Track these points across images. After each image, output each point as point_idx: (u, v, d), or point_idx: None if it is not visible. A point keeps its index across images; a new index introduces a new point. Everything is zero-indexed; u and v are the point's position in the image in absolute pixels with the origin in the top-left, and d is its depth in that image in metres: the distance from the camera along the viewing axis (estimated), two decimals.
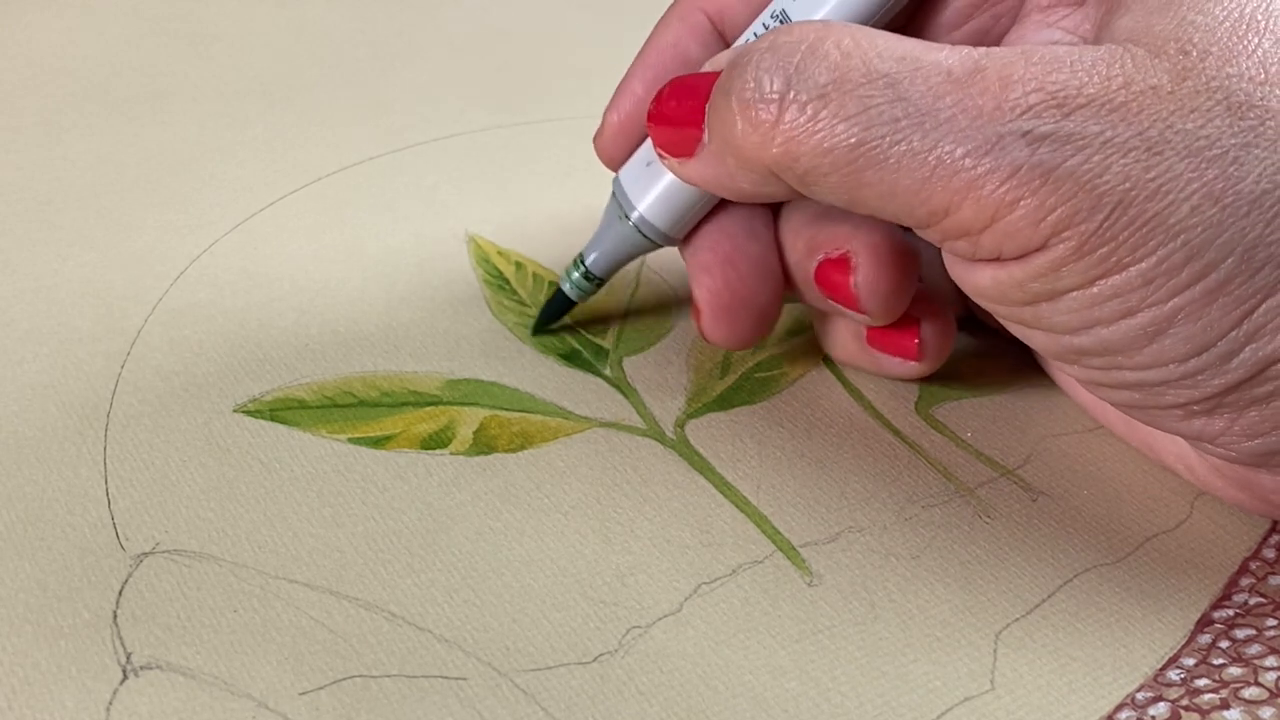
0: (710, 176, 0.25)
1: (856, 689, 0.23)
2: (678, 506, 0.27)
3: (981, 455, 0.28)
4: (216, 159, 0.39)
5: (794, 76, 0.23)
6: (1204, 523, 0.27)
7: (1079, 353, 0.23)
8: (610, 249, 0.29)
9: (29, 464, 0.27)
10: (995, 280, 0.23)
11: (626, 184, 0.28)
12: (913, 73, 0.22)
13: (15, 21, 0.47)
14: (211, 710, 0.22)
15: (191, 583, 0.24)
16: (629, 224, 0.28)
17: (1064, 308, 0.22)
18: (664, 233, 0.28)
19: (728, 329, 0.28)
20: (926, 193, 0.22)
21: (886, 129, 0.22)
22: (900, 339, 0.28)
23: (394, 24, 0.48)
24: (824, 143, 0.22)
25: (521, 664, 0.23)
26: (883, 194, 0.22)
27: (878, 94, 0.22)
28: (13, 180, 0.37)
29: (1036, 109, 0.21)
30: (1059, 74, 0.21)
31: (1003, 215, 0.21)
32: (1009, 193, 0.21)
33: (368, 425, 0.28)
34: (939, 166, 0.22)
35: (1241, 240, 0.21)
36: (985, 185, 0.21)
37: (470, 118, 0.42)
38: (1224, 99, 0.21)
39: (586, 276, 0.30)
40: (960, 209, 0.22)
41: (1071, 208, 0.21)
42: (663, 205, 0.28)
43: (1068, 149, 0.21)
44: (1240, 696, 0.23)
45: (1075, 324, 0.23)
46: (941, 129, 0.21)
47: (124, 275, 0.33)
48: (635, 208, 0.28)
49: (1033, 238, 0.22)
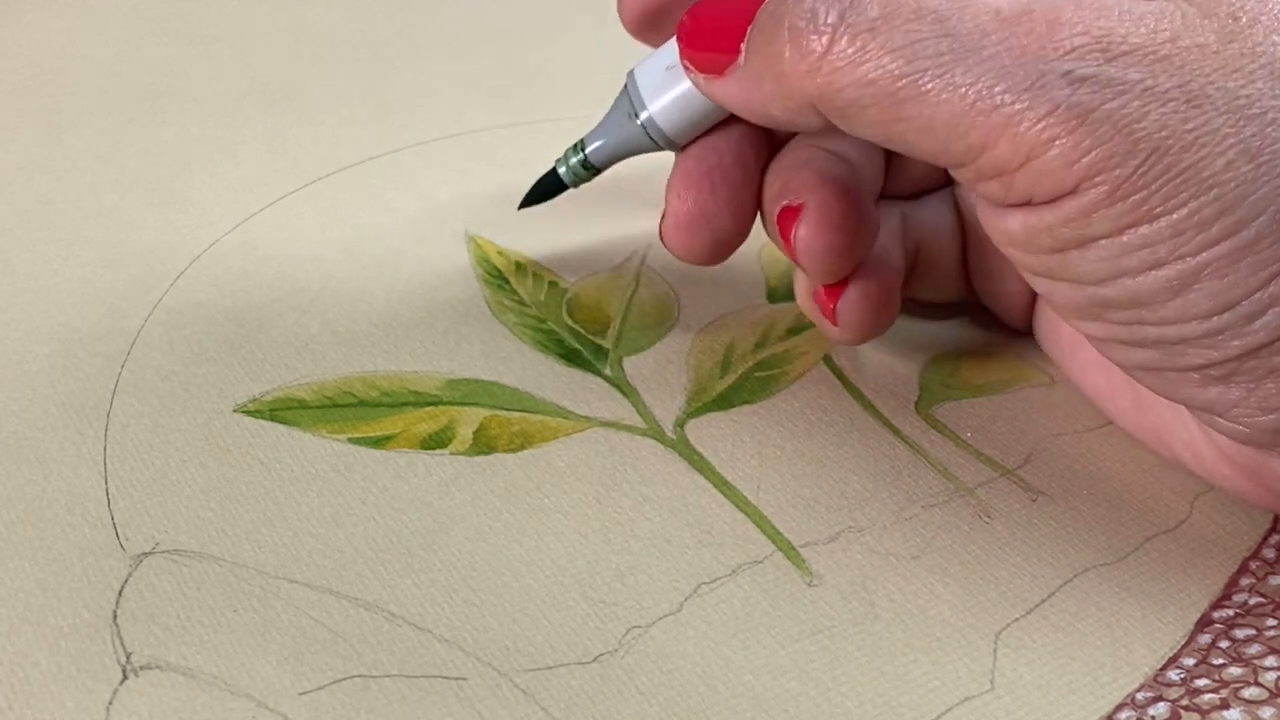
0: (740, 98, 0.25)
1: (856, 689, 0.23)
2: (678, 506, 0.27)
3: (981, 455, 0.28)
4: (216, 159, 0.39)
5: (848, 9, 0.23)
6: (1204, 523, 0.27)
7: (1103, 305, 0.23)
8: (613, 143, 0.29)
9: (29, 464, 0.27)
10: (1025, 226, 0.23)
11: (641, 83, 0.28)
12: (961, 10, 0.22)
13: (15, 21, 0.47)
14: (211, 710, 0.22)
15: (191, 583, 0.24)
16: (636, 123, 0.28)
17: (1092, 256, 0.22)
18: (669, 138, 0.28)
19: (684, 241, 0.28)
20: (964, 127, 0.22)
21: (930, 62, 0.22)
22: (824, 300, 0.28)
23: (394, 24, 0.48)
24: (868, 74, 0.22)
25: (521, 664, 0.23)
26: (920, 128, 0.22)
27: (925, 28, 0.22)
28: (13, 180, 0.37)
29: (1080, 51, 0.21)
30: (1106, 20, 0.21)
31: (1038, 154, 0.21)
32: (1045, 131, 0.21)
33: (368, 425, 0.28)
34: (978, 101, 0.22)
35: (1275, 199, 0.21)
36: (1022, 122, 0.21)
37: (470, 118, 0.42)
38: (1268, 64, 0.21)
39: (584, 165, 0.30)
40: (996, 145, 0.22)
41: (1107, 151, 0.21)
42: (674, 112, 0.28)
43: (1107, 92, 0.21)
44: (1240, 696, 0.23)
45: (1102, 273, 0.22)
46: (984, 65, 0.22)
47: (124, 275, 0.33)
48: (646, 108, 0.28)
49: (1066, 179, 0.21)
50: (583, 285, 0.33)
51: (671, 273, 0.34)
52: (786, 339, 0.32)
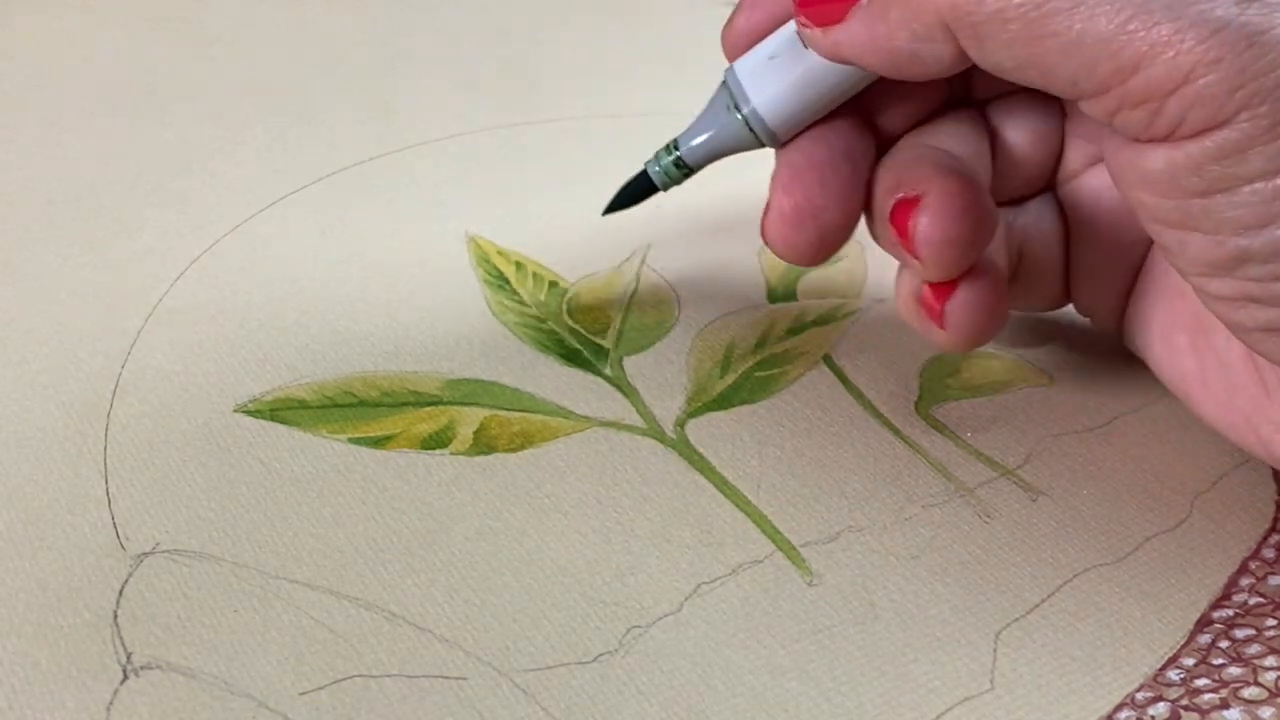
0: (863, 37, 0.24)
1: (856, 689, 0.23)
2: (678, 506, 0.27)
3: (981, 455, 0.28)
4: (216, 159, 0.39)
5: None
6: (1204, 523, 0.27)
7: (1241, 258, 0.22)
8: (711, 140, 0.28)
9: (29, 464, 0.27)
10: (1170, 163, 0.21)
11: (743, 75, 0.27)
12: None
13: (15, 21, 0.47)
14: (211, 710, 0.22)
15: (192, 583, 0.24)
16: (738, 117, 0.27)
17: (1241, 200, 0.21)
18: (772, 131, 0.27)
19: (790, 237, 0.26)
20: (1117, 45, 0.20)
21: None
22: (930, 302, 0.26)
23: (394, 24, 0.48)
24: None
25: (521, 664, 0.23)
26: (1066, 46, 0.21)
27: None
28: (13, 180, 0.37)
29: None
30: None
31: (1198, 75, 0.20)
32: (1210, 50, 0.20)
33: (368, 425, 0.28)
34: (1136, 15, 0.20)
35: None
36: (1185, 39, 0.20)
37: (470, 118, 0.42)
38: None
39: (677, 164, 0.29)
40: (1152, 65, 0.20)
41: (1274, 80, 0.20)
42: (780, 102, 0.26)
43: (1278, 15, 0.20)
44: (1240, 696, 0.23)
45: (1249, 220, 0.21)
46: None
47: (124, 275, 0.33)
48: (750, 101, 0.27)
49: (1225, 105, 0.20)
50: (583, 285, 0.33)
51: (671, 273, 0.34)
52: (786, 339, 0.32)
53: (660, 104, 0.43)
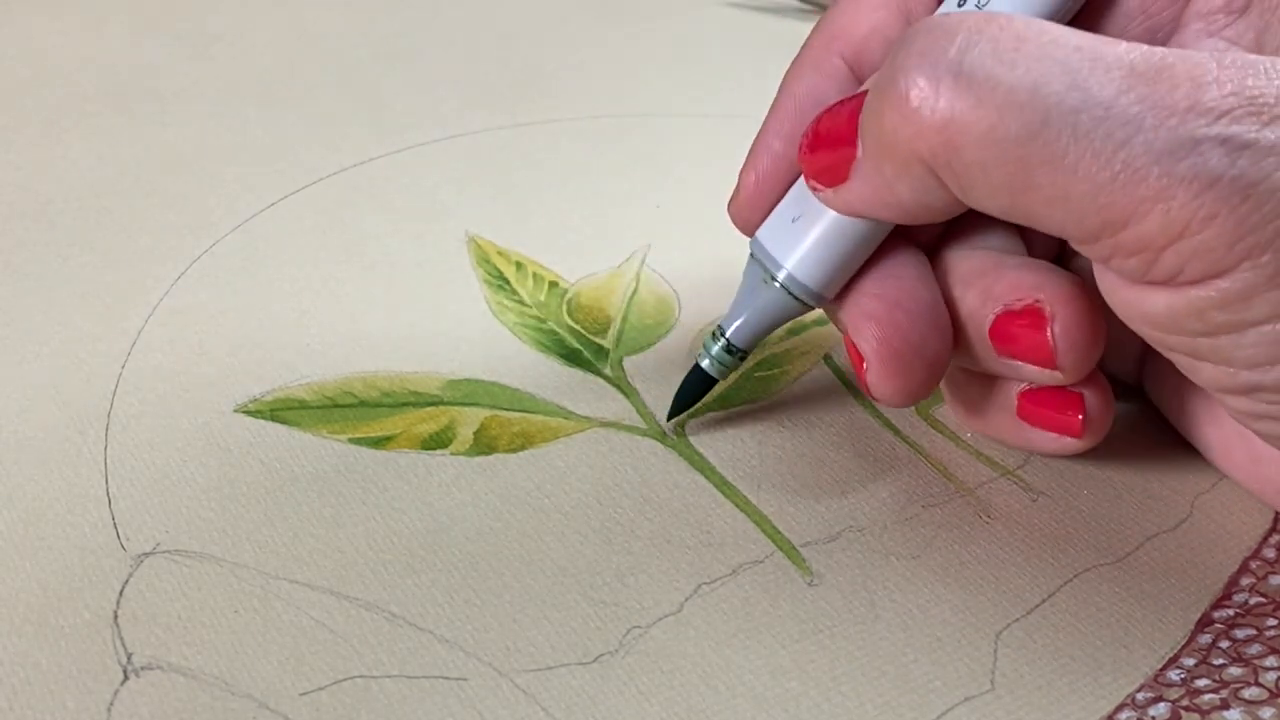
0: (868, 194, 0.23)
1: (856, 689, 0.23)
2: (678, 506, 0.27)
3: (981, 455, 0.28)
4: (216, 159, 0.39)
5: (952, 58, 0.20)
6: (1204, 523, 0.27)
7: (1255, 388, 0.21)
8: (755, 316, 0.27)
9: (29, 464, 0.27)
10: (1170, 308, 0.21)
11: (769, 243, 0.26)
12: (1091, 62, 0.20)
13: (15, 21, 0.47)
14: (212, 710, 0.22)
15: (192, 583, 0.24)
16: (775, 286, 0.26)
17: (1249, 341, 0.20)
18: (815, 291, 0.25)
19: (899, 380, 0.25)
20: (1106, 199, 0.20)
21: (1064, 122, 0.19)
22: (1061, 411, 0.25)
23: (394, 24, 0.48)
24: (993, 133, 0.20)
25: (522, 664, 0.23)
26: (1053, 198, 0.20)
27: (1054, 80, 0.20)
28: (13, 180, 0.37)
29: (1235, 114, 0.19)
30: (1256, 79, 0.19)
31: (1194, 231, 0.19)
32: (1205, 206, 0.19)
33: (368, 425, 0.28)
34: (1124, 170, 0.19)
35: None
36: (1178, 195, 0.19)
37: (470, 118, 0.42)
38: None
39: (728, 349, 0.27)
40: (1144, 220, 0.20)
41: (1275, 229, 0.19)
42: (813, 260, 0.25)
43: (1270, 161, 0.19)
44: (1240, 697, 0.23)
45: (1260, 359, 0.20)
46: (1128, 127, 0.19)
47: (124, 275, 0.33)
48: (783, 266, 0.25)
49: (1224, 259, 0.19)
50: (583, 285, 0.33)
51: (671, 273, 0.34)
52: (786, 339, 0.32)
53: (660, 104, 0.43)
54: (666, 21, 0.49)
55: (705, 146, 0.40)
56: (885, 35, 0.26)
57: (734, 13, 0.50)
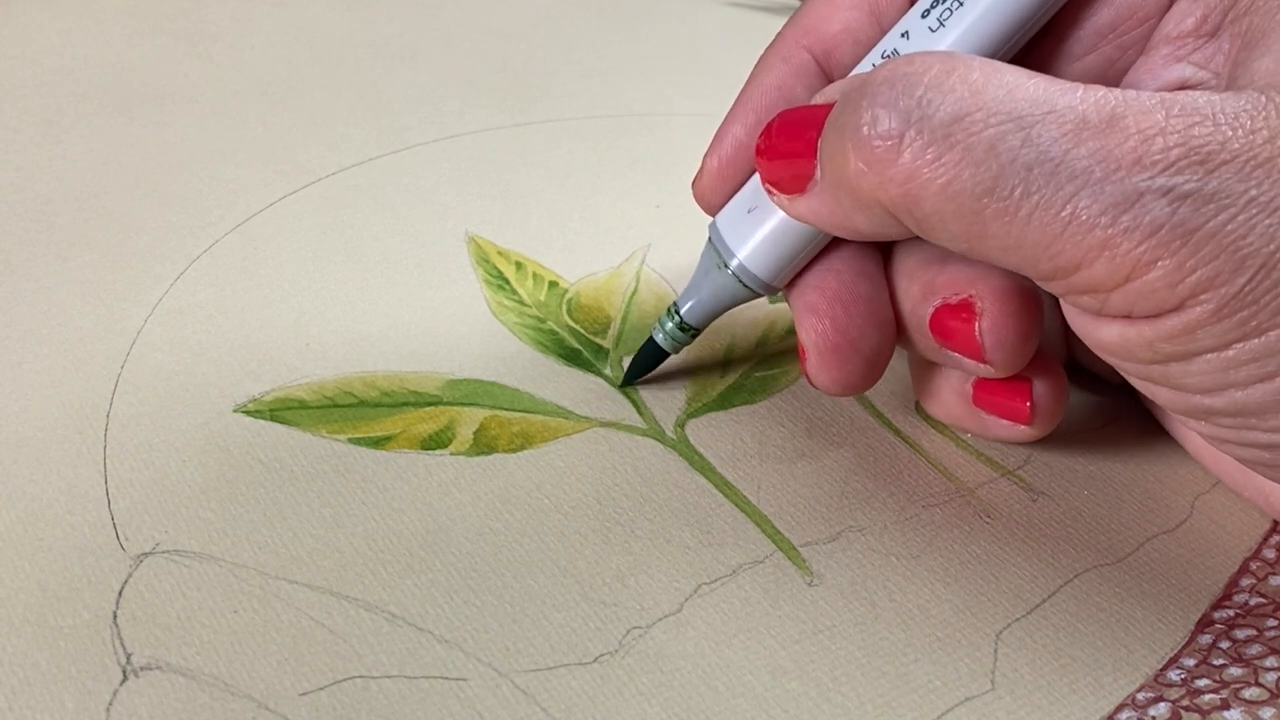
0: (824, 214, 0.24)
1: (857, 689, 0.23)
2: (678, 506, 0.27)
3: (981, 455, 0.28)
4: (216, 159, 0.39)
5: (915, 112, 0.21)
6: (1204, 523, 0.27)
7: (1208, 412, 0.22)
8: (707, 298, 0.28)
9: (29, 464, 0.27)
10: (1123, 338, 0.22)
11: (725, 230, 0.27)
12: (1045, 115, 0.21)
13: (15, 21, 0.47)
14: (211, 711, 0.22)
15: (191, 583, 0.24)
16: (727, 272, 0.27)
17: (1196, 369, 0.21)
18: (764, 281, 0.27)
19: (836, 372, 0.26)
20: (1057, 248, 0.21)
21: (1018, 178, 0.21)
22: (1011, 399, 0.27)
23: (394, 24, 0.48)
24: (950, 187, 0.21)
25: (522, 664, 0.23)
26: (1007, 246, 0.21)
27: (1009, 137, 0.21)
28: (13, 180, 0.37)
29: (1179, 165, 0.20)
30: (1202, 127, 0.20)
31: (1139, 275, 0.20)
32: (1147, 253, 0.20)
33: (368, 425, 0.28)
34: (1072, 222, 0.20)
35: None
36: (1122, 244, 0.20)
37: (470, 118, 0.42)
38: None
39: (681, 327, 0.28)
40: (1092, 266, 0.21)
41: (1212, 270, 0.20)
42: (764, 253, 0.26)
43: (1210, 208, 0.20)
44: (1241, 697, 0.23)
45: (1208, 385, 0.22)
46: (1077, 181, 0.20)
47: (124, 275, 0.33)
48: (735, 255, 0.27)
49: (1168, 299, 0.21)
50: (583, 285, 0.33)
51: (671, 273, 0.34)
52: (786, 339, 0.32)
53: (660, 104, 0.43)
54: (666, 21, 0.49)
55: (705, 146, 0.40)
56: (855, 36, 0.27)
57: (734, 13, 0.50)
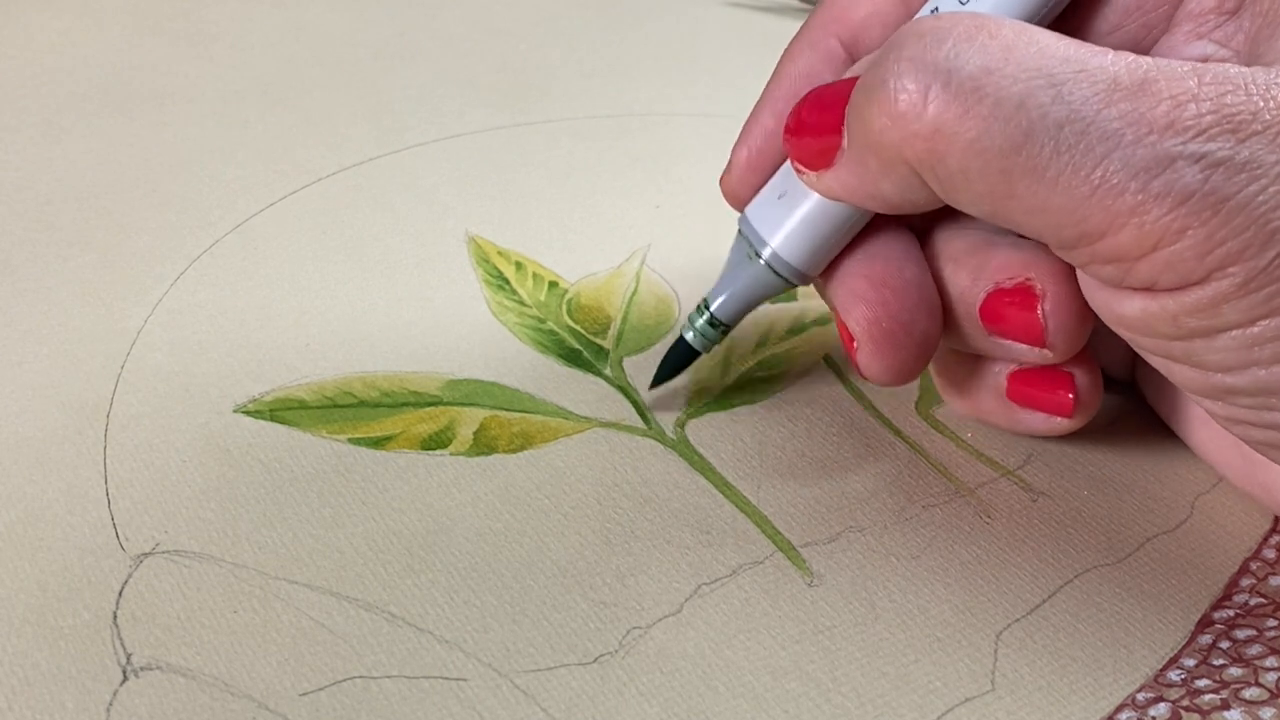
0: (852, 184, 0.24)
1: (857, 689, 0.23)
2: (678, 507, 0.27)
3: (982, 455, 0.28)
4: (216, 159, 0.39)
5: (942, 64, 0.21)
6: (1204, 523, 0.27)
7: (1228, 391, 0.22)
8: (739, 291, 0.27)
9: (29, 464, 0.27)
10: (1145, 311, 0.21)
11: (755, 220, 0.26)
12: (1076, 74, 0.20)
13: (15, 21, 0.47)
14: (211, 711, 0.22)
15: (191, 583, 0.24)
16: (760, 263, 0.26)
17: (1220, 345, 0.21)
18: (799, 270, 0.26)
19: (891, 359, 0.25)
20: (1084, 212, 0.20)
21: (1048, 135, 0.20)
22: (1053, 392, 0.26)
23: (394, 24, 0.48)
24: (978, 143, 0.20)
25: (522, 665, 0.23)
26: (1033, 208, 0.21)
27: (1040, 93, 0.20)
28: (13, 180, 0.37)
29: (1211, 132, 0.20)
30: (1235, 95, 0.20)
31: (1167, 244, 0.20)
32: (1177, 221, 0.20)
33: (368, 425, 0.28)
34: (1101, 185, 0.20)
35: None
36: (1151, 211, 0.20)
37: (470, 118, 0.42)
38: None
39: (711, 323, 0.27)
40: (1119, 233, 0.20)
41: (1241, 242, 0.20)
42: (798, 239, 0.25)
43: (1242, 178, 0.19)
44: (1241, 697, 0.23)
45: (1230, 363, 0.21)
46: (1108, 142, 0.20)
47: (124, 275, 0.33)
48: (768, 244, 0.26)
49: (1195, 270, 0.20)
50: (583, 285, 0.33)
51: (671, 272, 0.34)
52: (786, 339, 0.32)
53: (660, 104, 0.43)
54: (666, 21, 0.49)
55: (705, 146, 0.40)
56: (883, 20, 0.26)
57: (734, 13, 0.50)
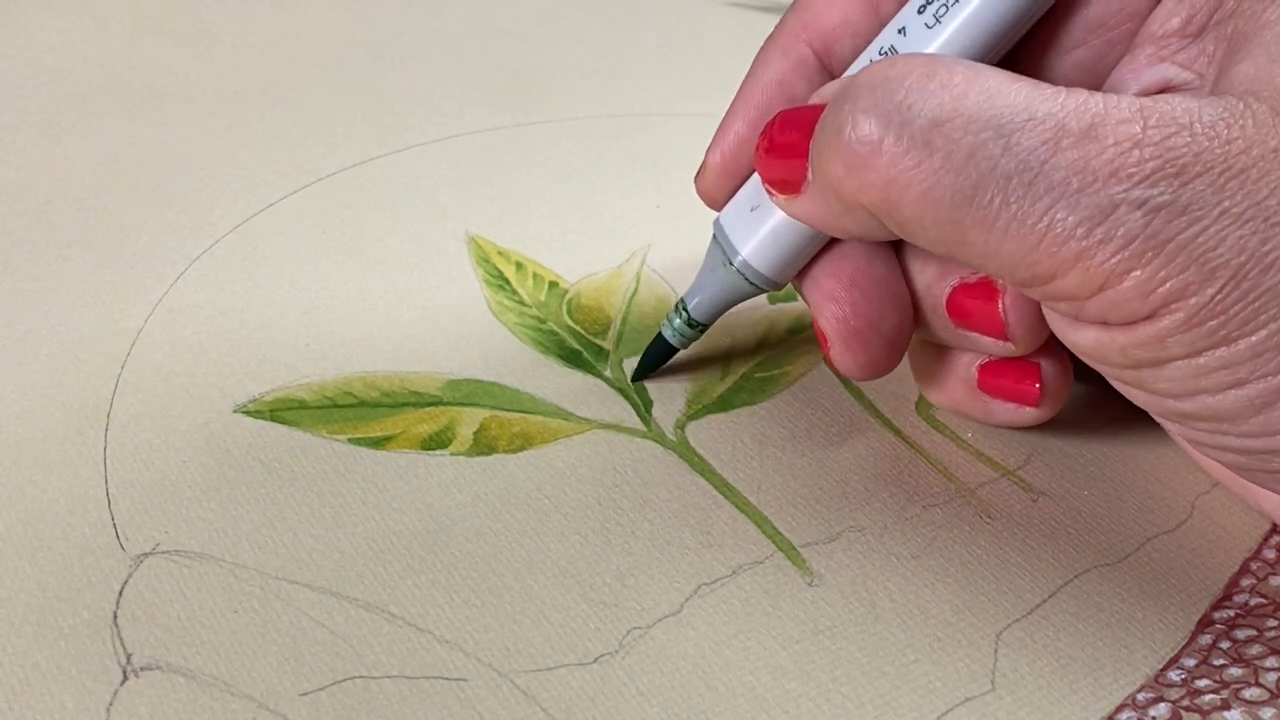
0: (818, 215, 0.24)
1: (857, 689, 0.23)
2: (678, 508, 0.27)
3: (982, 455, 0.28)
4: (216, 159, 0.39)
5: (895, 116, 0.21)
6: (1204, 523, 0.27)
7: (1182, 416, 0.23)
8: (714, 294, 0.28)
9: (29, 464, 0.27)
10: (1098, 342, 0.22)
11: (729, 228, 0.27)
12: (1025, 124, 0.21)
13: (15, 21, 0.47)
14: (211, 711, 0.22)
15: (191, 583, 0.24)
16: (732, 269, 0.27)
17: (1168, 375, 0.22)
18: (769, 278, 0.27)
19: (861, 356, 0.26)
20: (1033, 258, 0.21)
21: (997, 187, 0.21)
22: (1019, 382, 0.27)
23: (394, 24, 0.48)
24: (930, 194, 0.21)
25: (522, 665, 0.23)
26: (985, 254, 0.22)
27: (989, 145, 0.21)
28: (13, 180, 0.37)
29: (1154, 177, 0.20)
30: (1179, 138, 0.20)
31: (1111, 285, 0.21)
32: (1120, 264, 0.20)
33: (368, 425, 0.28)
34: (1048, 233, 0.21)
35: None
36: (1096, 255, 0.21)
37: (470, 118, 0.42)
38: None
39: (689, 323, 0.29)
40: (1067, 276, 0.21)
41: (1183, 281, 0.20)
42: (767, 250, 0.26)
43: (1183, 220, 0.20)
44: (1241, 697, 0.23)
45: (1180, 390, 0.22)
46: (1054, 192, 0.21)
47: (124, 275, 0.33)
48: (739, 252, 0.27)
49: (1140, 308, 0.21)
50: (583, 285, 0.33)
51: (671, 273, 0.34)
52: (786, 339, 0.32)
53: (660, 104, 0.43)
54: (666, 21, 0.49)
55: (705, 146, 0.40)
56: (854, 30, 0.27)
57: (734, 13, 0.50)
